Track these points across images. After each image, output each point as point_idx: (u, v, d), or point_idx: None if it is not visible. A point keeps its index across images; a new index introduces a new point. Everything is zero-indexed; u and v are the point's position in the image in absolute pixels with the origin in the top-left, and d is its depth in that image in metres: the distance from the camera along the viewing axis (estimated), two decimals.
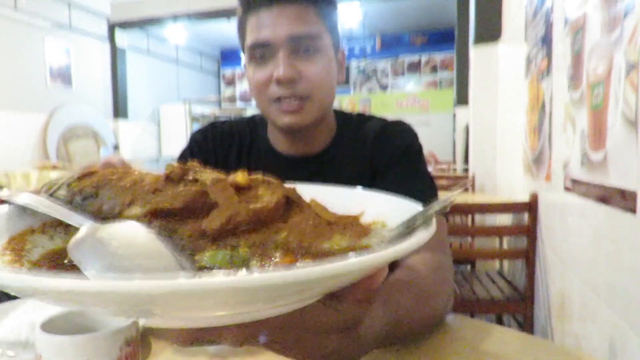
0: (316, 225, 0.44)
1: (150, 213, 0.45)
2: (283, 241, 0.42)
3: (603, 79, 1.21)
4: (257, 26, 0.81)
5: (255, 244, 0.43)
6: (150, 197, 0.46)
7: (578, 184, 1.43)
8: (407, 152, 0.88)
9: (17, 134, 6.25)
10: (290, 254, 0.41)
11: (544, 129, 1.94)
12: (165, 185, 0.47)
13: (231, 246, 0.43)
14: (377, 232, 0.44)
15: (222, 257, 0.40)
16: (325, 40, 0.84)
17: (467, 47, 4.04)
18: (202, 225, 0.44)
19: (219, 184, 0.46)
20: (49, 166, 4.92)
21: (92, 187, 0.48)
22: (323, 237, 0.43)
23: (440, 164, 6.17)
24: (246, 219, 0.44)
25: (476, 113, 3.47)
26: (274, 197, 0.46)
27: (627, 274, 1.08)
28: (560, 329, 1.70)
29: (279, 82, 0.80)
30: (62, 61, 7.04)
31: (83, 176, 0.50)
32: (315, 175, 0.90)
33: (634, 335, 1.03)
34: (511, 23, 2.97)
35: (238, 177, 0.48)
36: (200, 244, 0.43)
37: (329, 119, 0.93)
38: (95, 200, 0.47)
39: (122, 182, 0.48)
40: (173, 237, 0.43)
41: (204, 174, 0.47)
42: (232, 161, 0.94)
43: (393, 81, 10.61)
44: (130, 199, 0.46)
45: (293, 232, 0.43)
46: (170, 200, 0.45)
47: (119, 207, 0.46)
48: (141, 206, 0.45)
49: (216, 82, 12.15)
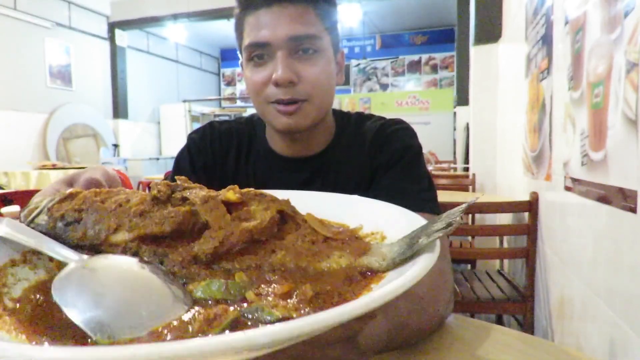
0: (313, 242, 0.43)
1: (138, 238, 0.43)
2: (279, 262, 0.41)
3: (603, 78, 1.21)
4: (256, 25, 0.79)
5: (251, 267, 0.41)
6: (138, 221, 0.43)
7: (578, 184, 1.43)
8: (406, 153, 0.87)
9: (17, 134, 6.25)
10: (289, 280, 0.39)
11: (544, 128, 1.94)
12: (152, 206, 0.44)
13: (225, 270, 0.41)
14: (377, 248, 0.42)
15: (217, 287, 0.38)
16: (325, 41, 0.83)
17: (468, 47, 4.05)
18: (194, 249, 0.42)
19: (209, 202, 0.44)
20: (48, 166, 4.92)
21: (75, 210, 0.45)
22: (321, 255, 0.42)
23: (440, 163, 6.17)
24: (240, 239, 0.42)
25: (476, 112, 3.47)
26: (267, 213, 0.44)
27: (627, 274, 1.08)
28: (560, 328, 1.70)
29: (277, 84, 0.79)
30: (62, 61, 7.04)
31: (64, 199, 0.47)
32: (314, 176, 0.90)
33: (634, 335, 1.03)
34: (511, 23, 2.97)
35: (229, 194, 0.46)
36: (194, 270, 0.41)
37: (328, 119, 0.92)
38: (79, 226, 0.44)
39: (106, 204, 0.45)
40: (165, 263, 0.41)
41: (192, 192, 0.45)
42: (231, 162, 0.93)
43: (393, 81, 10.61)
44: (117, 223, 0.43)
45: (289, 252, 0.42)
46: (159, 224, 0.43)
47: (105, 232, 0.43)
48: (128, 231, 0.43)
49: (216, 82, 12.15)
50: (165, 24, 7.88)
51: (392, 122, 0.94)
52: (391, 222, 0.47)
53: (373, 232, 0.48)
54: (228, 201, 0.45)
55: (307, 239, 0.43)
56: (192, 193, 0.45)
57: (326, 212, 0.49)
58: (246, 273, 0.40)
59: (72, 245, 0.45)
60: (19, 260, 0.43)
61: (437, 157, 6.69)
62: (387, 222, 0.48)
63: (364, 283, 0.39)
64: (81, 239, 0.44)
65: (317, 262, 0.41)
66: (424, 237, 0.39)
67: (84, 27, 7.45)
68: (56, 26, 6.90)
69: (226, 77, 12.21)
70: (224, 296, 0.37)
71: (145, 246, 0.42)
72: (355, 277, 0.39)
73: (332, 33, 0.86)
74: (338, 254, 0.42)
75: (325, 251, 0.42)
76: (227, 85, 12.22)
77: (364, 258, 0.41)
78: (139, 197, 0.46)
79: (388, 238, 0.46)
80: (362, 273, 0.40)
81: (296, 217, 0.47)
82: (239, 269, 0.41)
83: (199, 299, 0.37)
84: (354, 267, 0.40)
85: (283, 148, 0.91)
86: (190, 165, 0.92)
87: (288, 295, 0.36)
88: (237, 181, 0.93)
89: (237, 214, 0.44)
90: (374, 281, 0.39)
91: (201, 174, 0.92)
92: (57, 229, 0.45)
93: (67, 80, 7.14)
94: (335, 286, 0.38)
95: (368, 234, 0.48)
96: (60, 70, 7.01)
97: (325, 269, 0.41)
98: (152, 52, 9.29)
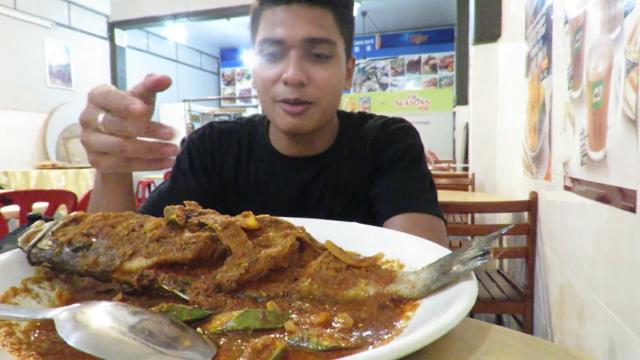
0: (337, 270, 0.42)
1: (156, 264, 0.40)
2: (307, 290, 0.40)
3: (603, 77, 1.21)
4: (273, 22, 0.78)
5: (279, 295, 0.40)
6: (155, 247, 0.41)
7: (578, 183, 1.43)
8: (408, 153, 0.87)
9: (17, 134, 6.25)
10: (320, 304, 0.38)
11: (544, 128, 1.94)
12: (169, 231, 0.43)
13: (252, 299, 0.39)
14: (403, 276, 0.41)
15: (254, 316, 0.35)
16: (339, 47, 0.82)
17: (467, 46, 4.05)
18: (217, 277, 0.40)
19: (230, 229, 0.42)
20: (48, 165, 4.92)
21: (83, 235, 0.43)
22: (347, 283, 0.41)
23: (439, 162, 6.17)
24: (265, 267, 0.41)
25: (476, 112, 3.47)
26: (287, 240, 0.43)
27: (627, 273, 1.08)
28: (560, 328, 1.70)
29: (286, 83, 0.78)
30: (61, 60, 7.03)
31: (68, 223, 0.45)
32: (317, 175, 0.90)
33: (634, 335, 1.03)
34: (511, 22, 2.97)
35: (249, 220, 0.45)
36: (220, 300, 0.39)
37: (333, 120, 0.92)
38: (89, 252, 0.42)
39: (118, 229, 0.43)
40: (186, 292, 0.39)
41: (209, 218, 0.44)
42: (230, 161, 0.93)
43: (393, 80, 10.60)
44: (132, 249, 0.41)
45: (316, 280, 0.40)
46: (180, 250, 0.41)
47: (119, 259, 0.41)
48: (145, 257, 0.41)
49: (216, 81, 12.14)
50: (165, 23, 7.87)
51: (393, 120, 0.94)
52: (407, 250, 0.47)
53: (389, 260, 0.47)
54: (247, 227, 0.44)
55: (330, 267, 0.42)
56: (210, 219, 0.44)
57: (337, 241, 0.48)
58: (275, 301, 0.39)
59: (79, 273, 0.42)
60: (19, 288, 0.41)
61: (437, 157, 6.69)
62: (399, 249, 0.48)
63: (398, 311, 0.38)
64: (92, 265, 0.41)
65: (343, 290, 0.40)
66: (457, 265, 0.38)
67: (83, 27, 7.45)
68: (56, 26, 6.90)
69: (226, 76, 12.20)
70: (262, 325, 0.35)
71: (163, 274, 0.40)
72: (387, 305, 0.39)
73: (347, 39, 0.86)
74: (364, 282, 0.41)
75: (350, 279, 0.41)
76: (226, 85, 12.21)
77: (392, 286, 0.40)
78: (153, 222, 0.44)
79: (406, 266, 0.46)
80: (393, 300, 0.39)
81: (314, 245, 0.46)
82: (265, 298, 0.40)
83: (232, 330, 0.35)
84: (383, 295, 0.39)
85: (287, 147, 0.91)
86: (189, 165, 0.92)
87: (326, 324, 0.35)
88: (237, 181, 0.93)
89: (257, 241, 0.43)
90: (408, 309, 0.38)
91: (200, 173, 0.92)
92: (63, 254, 0.42)
93: (67, 80, 7.13)
94: (371, 314, 0.37)
95: (384, 262, 0.47)
96: (60, 69, 7.00)
97: (354, 297, 0.40)
98: (152, 52, 9.28)
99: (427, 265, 0.41)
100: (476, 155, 3.50)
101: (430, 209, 0.80)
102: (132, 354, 0.30)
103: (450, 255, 0.40)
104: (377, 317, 0.37)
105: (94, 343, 0.31)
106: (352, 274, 0.42)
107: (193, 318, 0.37)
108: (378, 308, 0.38)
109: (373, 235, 0.53)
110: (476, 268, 0.37)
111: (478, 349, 0.62)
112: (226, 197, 0.92)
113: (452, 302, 0.33)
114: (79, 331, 0.32)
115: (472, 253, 0.38)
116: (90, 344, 0.31)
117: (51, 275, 0.44)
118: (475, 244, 0.39)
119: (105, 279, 0.42)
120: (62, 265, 0.42)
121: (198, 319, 0.37)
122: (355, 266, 0.43)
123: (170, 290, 0.40)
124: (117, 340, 0.31)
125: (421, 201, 0.81)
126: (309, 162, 0.90)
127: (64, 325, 0.32)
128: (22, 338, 0.34)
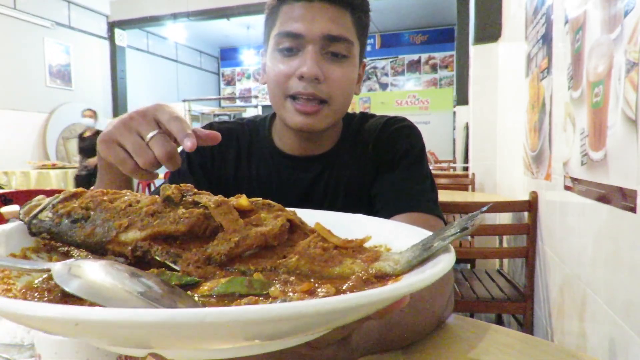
0: (325, 249, 0.43)
1: (150, 237, 0.42)
2: (294, 266, 0.41)
3: (603, 77, 1.21)
4: (291, 16, 0.78)
5: (267, 269, 0.41)
6: (150, 220, 0.43)
7: (578, 183, 1.43)
8: (409, 152, 0.87)
9: (17, 134, 6.25)
10: (306, 279, 0.40)
11: (544, 127, 1.94)
12: (164, 207, 0.45)
13: (241, 272, 0.41)
14: (388, 256, 0.43)
15: (240, 282, 0.37)
16: (355, 48, 0.82)
17: (467, 46, 4.05)
18: (208, 250, 0.42)
19: (223, 206, 0.44)
20: (48, 165, 4.92)
21: (82, 208, 0.45)
22: (333, 261, 0.42)
23: (439, 162, 6.17)
24: (254, 242, 0.43)
25: (476, 112, 3.47)
26: (278, 220, 0.45)
27: (627, 273, 1.08)
28: (560, 328, 1.70)
29: (301, 78, 0.77)
30: (61, 60, 7.03)
31: (68, 198, 0.46)
32: (320, 175, 0.90)
33: (634, 335, 1.03)
34: (511, 22, 2.97)
35: (241, 200, 0.47)
36: (209, 270, 0.41)
37: (338, 121, 0.92)
38: (87, 223, 0.44)
39: (116, 204, 0.45)
40: (178, 263, 0.41)
41: (203, 197, 0.46)
42: (230, 162, 0.93)
43: (393, 80, 10.61)
44: (127, 222, 0.43)
45: (303, 257, 0.42)
46: (174, 223, 0.43)
47: (115, 230, 0.43)
48: (140, 229, 0.43)
49: (216, 81, 12.14)
50: (165, 23, 7.88)
51: (395, 119, 0.94)
52: (399, 236, 0.48)
53: (376, 245, 0.48)
54: (239, 207, 0.46)
55: (318, 246, 0.43)
56: (204, 197, 0.46)
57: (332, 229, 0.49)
58: (262, 274, 0.40)
59: (76, 244, 0.44)
60: (18, 255, 0.43)
61: (437, 157, 6.69)
62: (393, 236, 0.49)
63: (380, 285, 0.39)
64: (88, 236, 0.43)
65: (329, 268, 0.41)
66: (438, 241, 0.40)
67: (83, 27, 7.45)
68: (56, 26, 6.90)
69: (226, 76, 12.20)
70: (247, 291, 0.37)
71: (157, 245, 0.42)
72: (370, 280, 0.40)
73: (362, 43, 0.86)
74: (350, 261, 0.42)
75: (337, 258, 0.42)
76: (226, 85, 12.21)
77: (376, 264, 0.41)
78: (149, 198, 0.46)
79: (393, 249, 0.47)
80: (377, 277, 0.40)
81: (304, 227, 0.48)
82: (254, 271, 0.41)
83: (219, 294, 0.37)
84: (367, 271, 0.41)
85: (291, 146, 0.90)
86: (188, 165, 0.92)
87: (310, 293, 0.37)
88: (237, 181, 0.93)
89: (248, 220, 0.45)
90: (390, 283, 0.39)
91: (199, 174, 0.91)
92: (62, 225, 0.44)
93: (67, 80, 7.13)
94: (354, 287, 0.38)
95: (372, 247, 0.48)
96: (60, 69, 7.01)
97: (339, 274, 0.41)
98: (152, 52, 9.29)
99: (411, 245, 0.43)
100: (476, 155, 3.49)
101: (430, 209, 0.80)
102: (124, 299, 0.32)
103: (433, 234, 0.42)
104: (360, 289, 0.38)
105: (90, 290, 0.33)
106: (339, 253, 0.43)
107: (182, 283, 0.38)
108: (361, 282, 0.39)
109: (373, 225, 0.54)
110: (452, 241, 0.39)
111: (478, 349, 0.62)
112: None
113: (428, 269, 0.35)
114: (76, 279, 0.34)
115: (452, 231, 0.40)
116: (88, 291, 0.33)
117: (49, 247, 0.46)
118: (457, 223, 0.41)
119: (101, 251, 0.44)
120: (60, 236, 0.44)
121: (187, 285, 0.38)
122: (342, 247, 0.44)
123: (163, 262, 0.41)
124: (113, 289, 0.33)
125: (422, 201, 0.81)
126: (313, 161, 0.90)
127: (62, 275, 0.34)
128: (19, 296, 0.36)
